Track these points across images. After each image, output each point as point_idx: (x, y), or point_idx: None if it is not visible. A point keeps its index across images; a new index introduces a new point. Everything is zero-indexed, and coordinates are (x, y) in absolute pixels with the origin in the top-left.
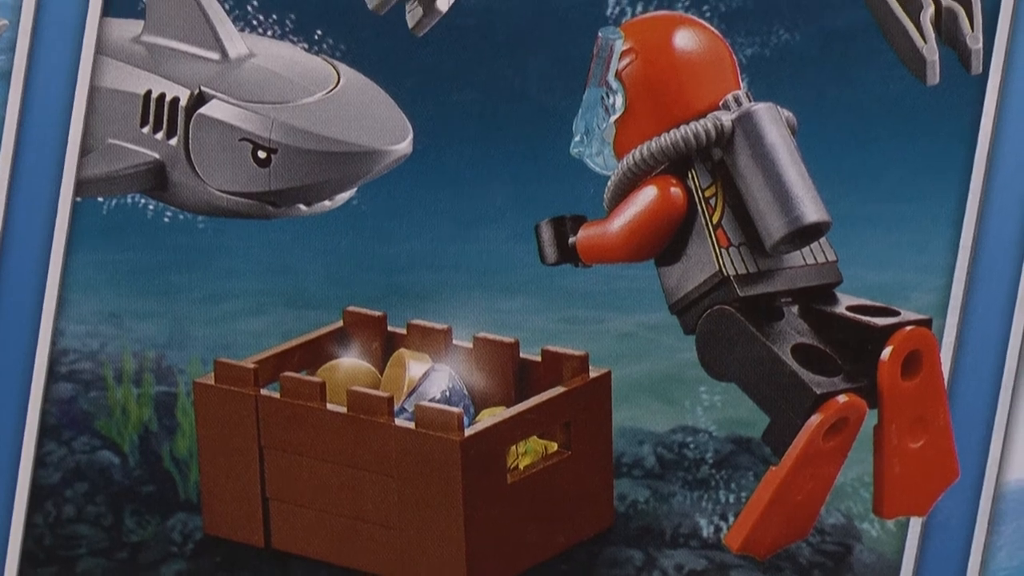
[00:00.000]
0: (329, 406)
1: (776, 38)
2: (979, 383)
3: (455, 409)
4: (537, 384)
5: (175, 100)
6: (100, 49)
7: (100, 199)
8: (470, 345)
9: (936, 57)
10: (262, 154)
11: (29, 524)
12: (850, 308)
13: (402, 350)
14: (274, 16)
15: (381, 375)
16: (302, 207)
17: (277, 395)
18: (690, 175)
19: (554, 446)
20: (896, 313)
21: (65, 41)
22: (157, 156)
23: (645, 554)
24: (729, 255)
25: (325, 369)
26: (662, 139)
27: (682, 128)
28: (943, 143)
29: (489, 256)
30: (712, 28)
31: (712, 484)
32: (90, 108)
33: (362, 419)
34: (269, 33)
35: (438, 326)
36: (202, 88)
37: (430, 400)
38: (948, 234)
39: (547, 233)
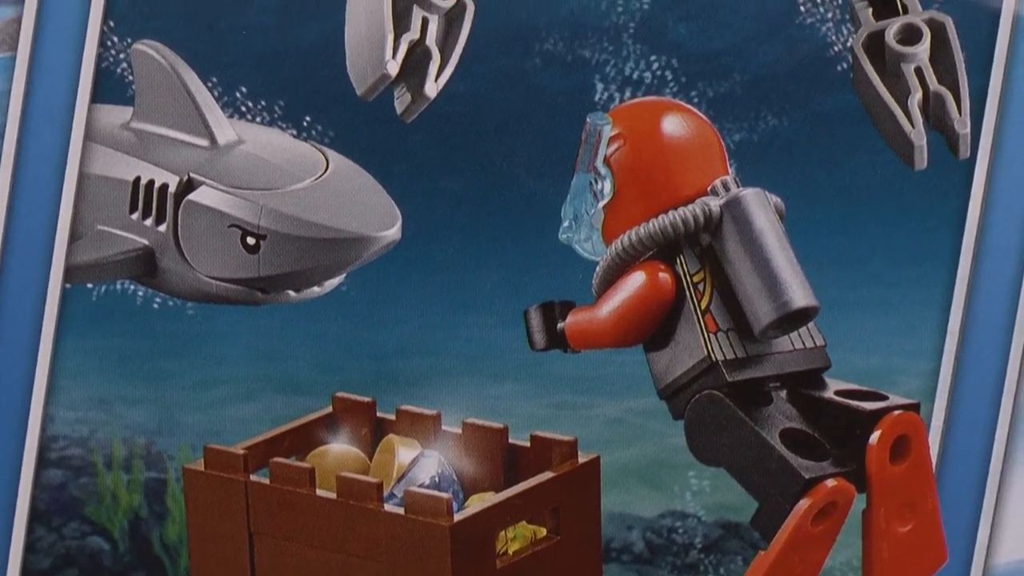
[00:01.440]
0: (319, 492)
1: (764, 123)
2: (967, 467)
3: (444, 494)
4: (526, 469)
5: (164, 186)
6: (89, 135)
7: (89, 285)
8: (459, 431)
9: (924, 142)
10: (251, 240)
11: None
12: (838, 392)
13: (391, 436)
14: (263, 102)
15: (370, 461)
16: (291, 293)
17: (267, 481)
18: (678, 260)
19: (543, 531)
20: (884, 398)
21: (54, 127)
22: (146, 242)
23: None
24: (717, 340)
25: (314, 455)
26: (650, 225)
27: (670, 214)
28: (931, 228)
29: (478, 342)
30: (700, 114)
31: (701, 569)
32: (79, 194)
33: (351, 505)
34: (258, 119)
35: (427, 412)
36: (191, 174)
37: (419, 486)
38: (936, 319)
39: (536, 319)
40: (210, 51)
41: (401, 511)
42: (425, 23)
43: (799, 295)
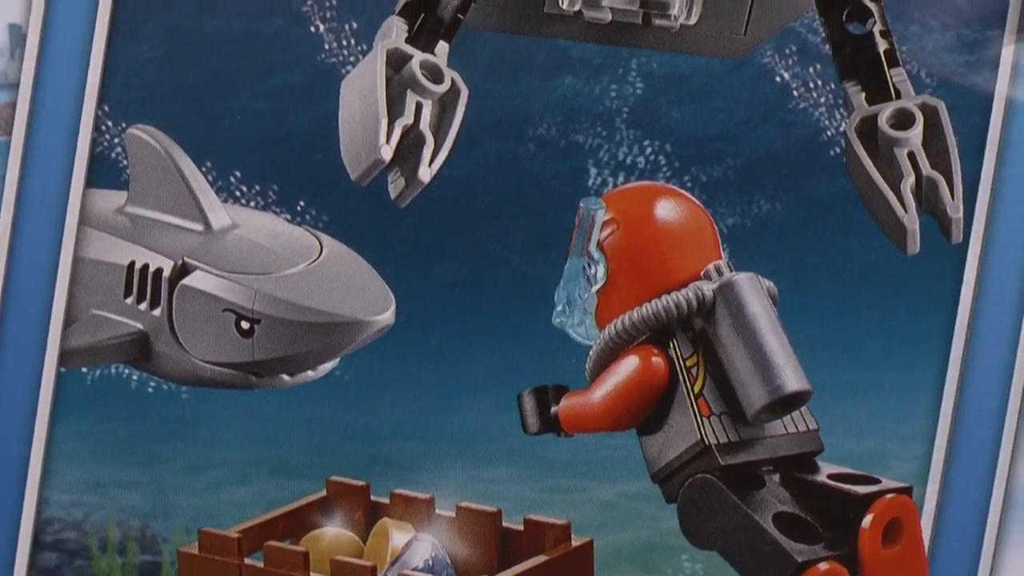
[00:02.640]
0: (313, 575)
1: (757, 208)
2: (960, 551)
3: None
4: (519, 553)
5: (158, 271)
6: (84, 220)
7: (84, 369)
8: (453, 514)
9: (917, 226)
10: (245, 325)
11: None
12: (831, 476)
13: (385, 519)
14: (257, 187)
15: (364, 544)
16: (285, 377)
17: (261, 564)
18: (671, 345)
19: None
20: (877, 481)
21: (49, 212)
22: (141, 327)
23: None
24: (711, 424)
25: (309, 538)
26: (644, 309)
27: (663, 298)
28: (924, 312)
29: (471, 426)
30: (693, 198)
31: None
32: (74, 279)
33: None
34: (252, 204)
35: (421, 495)
36: (185, 259)
37: (413, 569)
38: (929, 402)
39: (529, 403)
40: (204, 135)
41: None
42: (419, 108)
43: (792, 379)
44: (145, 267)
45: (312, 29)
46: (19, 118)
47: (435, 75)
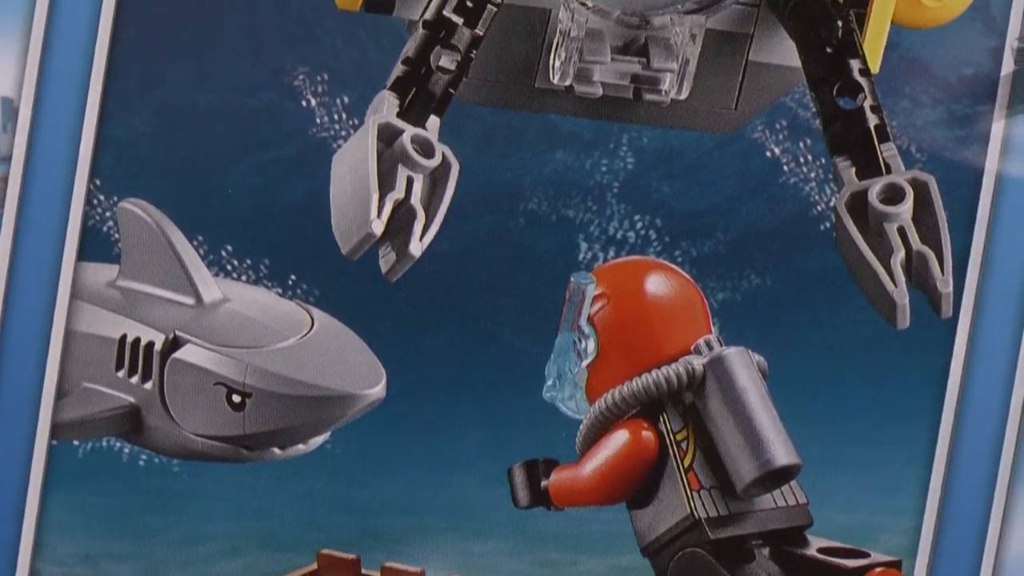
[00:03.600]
0: None
1: (747, 282)
2: None
3: None
4: None
5: (150, 344)
6: (76, 293)
7: (76, 442)
8: None
9: (906, 301)
10: (237, 398)
11: None
12: (821, 550)
13: None
14: (248, 261)
15: None
16: (276, 451)
17: None
18: (661, 419)
19: None
20: (866, 555)
21: (41, 285)
22: (132, 400)
23: None
24: (700, 498)
25: None
26: (634, 384)
27: (654, 373)
28: (913, 386)
29: (462, 499)
30: (683, 273)
31: None
32: (66, 352)
33: None
34: (243, 278)
35: (412, 569)
36: (177, 332)
37: None
38: (918, 476)
39: (520, 477)
40: (196, 209)
41: None
42: (410, 182)
43: (781, 453)
44: (137, 340)
45: (303, 103)
46: (11, 191)
47: (426, 149)
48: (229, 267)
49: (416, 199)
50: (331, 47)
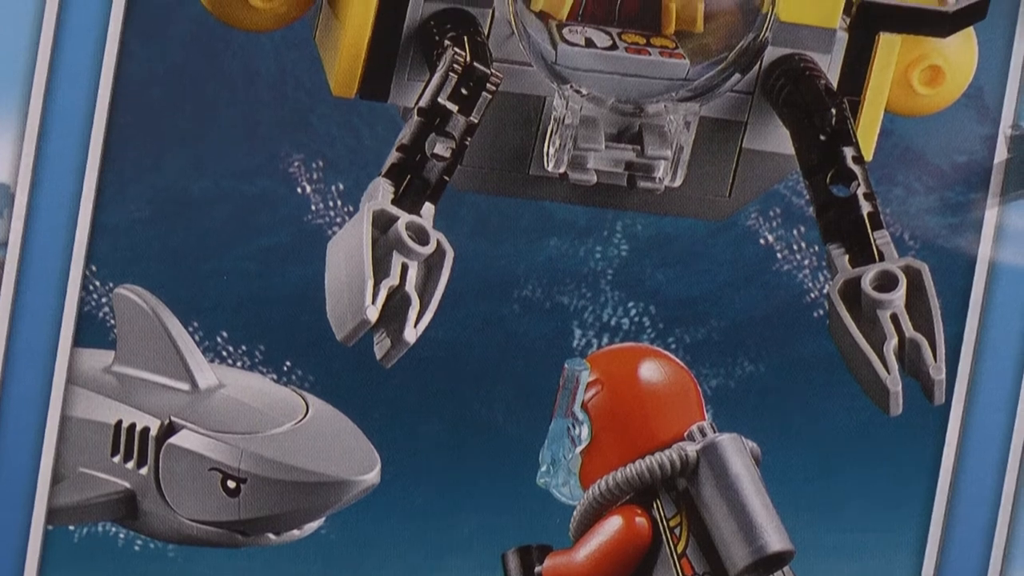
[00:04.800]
0: None
1: (741, 369)
2: None
3: None
4: None
5: (145, 430)
6: (72, 379)
7: (71, 527)
8: None
9: (899, 388)
10: (231, 484)
11: None
12: None
13: None
14: (244, 347)
15: None
16: (271, 536)
17: None
18: (655, 505)
19: None
20: None
21: (37, 370)
22: (128, 485)
23: None
24: None
25: None
26: (627, 470)
27: (647, 459)
28: (906, 473)
29: None
30: (677, 360)
31: None
32: (62, 437)
33: None
34: (238, 364)
35: None
36: (172, 418)
37: None
38: (911, 564)
39: (514, 562)
40: (191, 295)
41: None
42: (404, 269)
43: (774, 539)
44: (132, 426)
45: (299, 190)
46: (7, 277)
47: (421, 236)
48: (224, 353)
49: (411, 286)
50: (326, 134)
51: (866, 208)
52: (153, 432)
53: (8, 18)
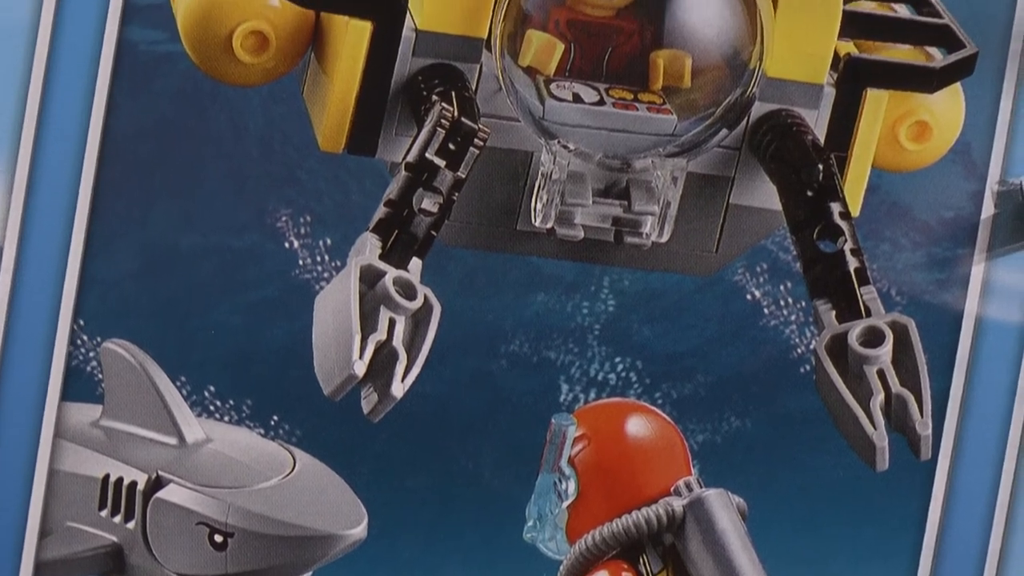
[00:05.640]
0: None
1: (727, 424)
2: None
3: None
4: None
5: (133, 484)
6: (59, 433)
7: None
8: None
9: (885, 443)
10: (219, 538)
11: None
12: None
13: None
14: (231, 401)
15: None
16: None
17: None
18: (641, 560)
19: None
20: None
21: (24, 425)
22: (115, 539)
23: None
24: None
25: None
26: (614, 525)
27: (634, 514)
28: (893, 529)
29: None
30: (664, 415)
31: None
32: (49, 491)
33: None
34: (226, 418)
35: None
36: (160, 472)
37: None
38: None
39: None
40: (179, 350)
41: None
42: (392, 324)
43: None
44: (120, 480)
45: (286, 245)
46: None
47: (408, 291)
48: (212, 407)
49: (398, 341)
50: (314, 189)
51: (853, 264)
52: (140, 486)
53: None
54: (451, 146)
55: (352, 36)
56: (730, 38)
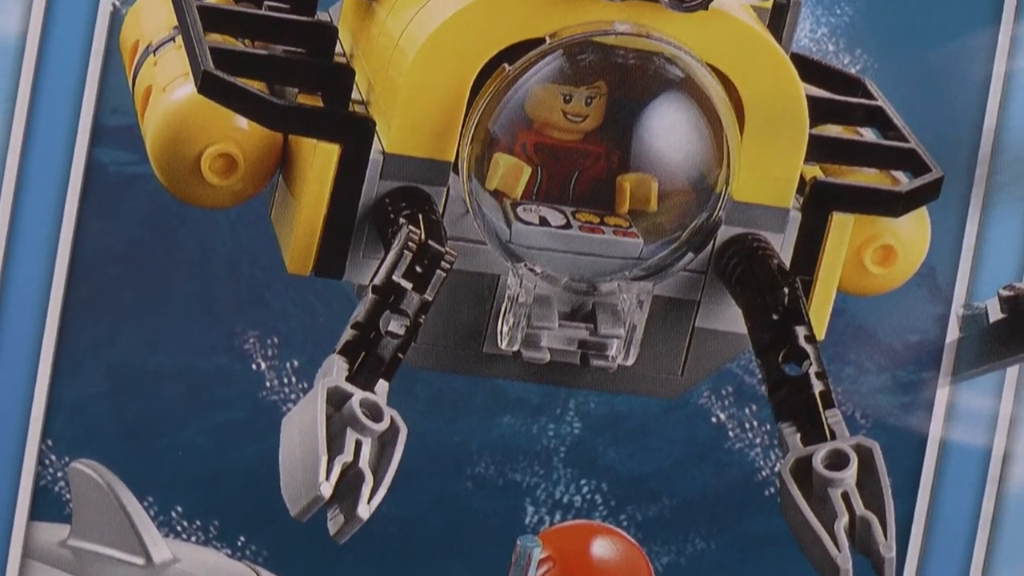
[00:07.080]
0: None
1: (692, 546)
2: None
3: None
4: None
5: None
6: (27, 553)
7: None
8: None
9: (849, 566)
10: None
11: None
12: None
13: None
14: (198, 522)
15: None
16: None
17: None
18: None
19: None
20: None
21: None
22: None
23: None
24: None
25: None
26: None
27: None
28: None
29: None
30: (628, 537)
31: None
32: None
33: None
34: (193, 539)
35: None
36: None
37: None
38: None
39: None
40: (147, 470)
41: None
42: (359, 446)
43: None
44: None
45: (254, 366)
46: None
47: (375, 413)
48: (179, 528)
49: (364, 462)
50: (281, 311)
51: (818, 387)
52: None
53: None
54: (418, 269)
55: (320, 159)
56: (696, 162)
